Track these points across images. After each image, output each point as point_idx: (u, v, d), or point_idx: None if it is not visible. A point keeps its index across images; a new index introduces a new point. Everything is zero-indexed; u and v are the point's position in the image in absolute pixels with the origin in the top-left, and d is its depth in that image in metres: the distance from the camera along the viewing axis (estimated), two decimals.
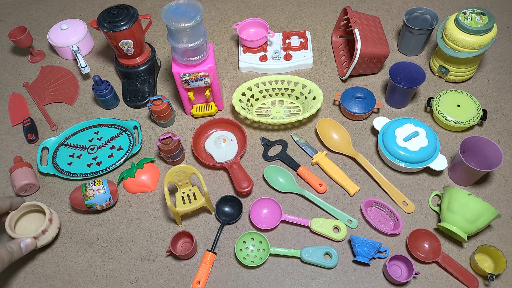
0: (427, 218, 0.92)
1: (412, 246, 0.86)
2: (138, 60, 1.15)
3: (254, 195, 0.97)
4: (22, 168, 0.99)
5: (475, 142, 0.92)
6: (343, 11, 1.16)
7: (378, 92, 1.13)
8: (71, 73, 1.25)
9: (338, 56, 1.22)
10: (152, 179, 0.99)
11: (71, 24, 1.27)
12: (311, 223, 0.90)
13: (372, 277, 0.85)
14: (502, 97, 1.10)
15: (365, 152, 1.02)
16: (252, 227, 0.93)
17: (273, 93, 1.12)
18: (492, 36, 1.00)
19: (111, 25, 1.03)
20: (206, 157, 1.02)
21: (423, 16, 1.17)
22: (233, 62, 1.24)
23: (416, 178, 0.97)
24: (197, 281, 0.84)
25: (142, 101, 1.14)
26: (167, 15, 0.87)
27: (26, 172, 0.99)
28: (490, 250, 0.83)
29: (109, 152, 1.05)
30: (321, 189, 0.96)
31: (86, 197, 0.91)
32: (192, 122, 1.11)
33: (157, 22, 1.37)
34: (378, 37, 1.10)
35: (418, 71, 1.04)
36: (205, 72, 0.98)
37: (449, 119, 1.01)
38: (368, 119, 1.08)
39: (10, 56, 1.33)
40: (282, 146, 1.04)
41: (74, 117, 1.15)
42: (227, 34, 1.32)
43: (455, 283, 0.83)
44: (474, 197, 0.82)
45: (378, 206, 0.93)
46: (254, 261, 0.86)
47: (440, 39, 1.07)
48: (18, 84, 1.24)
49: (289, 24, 1.32)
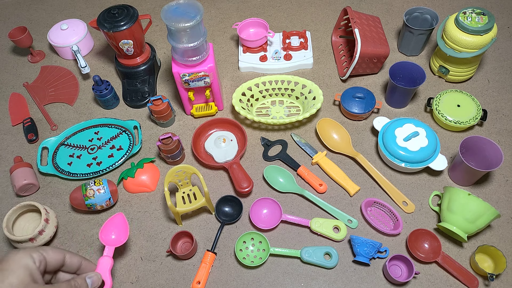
0: (427, 218, 0.92)
1: (412, 246, 0.86)
2: (138, 60, 1.15)
3: (254, 195, 0.97)
4: (22, 168, 0.99)
5: (475, 142, 0.92)
6: (343, 11, 1.16)
7: (378, 92, 1.13)
8: (71, 73, 1.25)
9: (338, 56, 1.22)
10: (152, 179, 0.99)
11: (71, 24, 1.27)
12: (311, 223, 0.90)
13: (372, 277, 0.85)
14: (502, 97, 1.10)
15: (365, 152, 1.02)
16: (252, 227, 0.93)
17: (273, 93, 1.12)
18: (492, 36, 1.00)
19: (111, 25, 1.03)
20: (206, 157, 1.02)
21: (423, 16, 1.17)
22: (233, 62, 1.24)
23: (416, 178, 0.98)
24: (197, 281, 0.84)
25: (142, 101, 1.14)
26: (167, 15, 0.87)
27: (26, 172, 0.99)
28: (490, 250, 0.83)
29: (109, 152, 1.05)
30: (321, 189, 0.96)
31: (86, 197, 0.91)
32: (192, 122, 1.11)
33: (157, 22, 1.37)
34: (378, 37, 1.10)
35: (418, 71, 1.04)
36: (205, 72, 0.98)
37: (449, 119, 1.01)
38: (368, 119, 1.08)
39: (10, 56, 1.33)
40: (282, 146, 1.04)
41: (74, 117, 1.15)
42: (227, 34, 1.32)
43: (455, 283, 0.83)
44: (474, 197, 0.82)
45: (378, 206, 0.93)
46: (254, 261, 0.86)
47: (440, 39, 1.07)
48: (18, 84, 1.24)
49: (289, 24, 1.32)
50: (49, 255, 0.65)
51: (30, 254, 0.61)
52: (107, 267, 0.76)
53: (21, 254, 0.61)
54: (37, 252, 0.63)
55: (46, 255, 0.64)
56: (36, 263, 0.62)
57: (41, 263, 0.63)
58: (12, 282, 0.57)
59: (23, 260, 0.60)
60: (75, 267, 0.70)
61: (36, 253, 0.62)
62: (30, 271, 0.60)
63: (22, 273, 0.59)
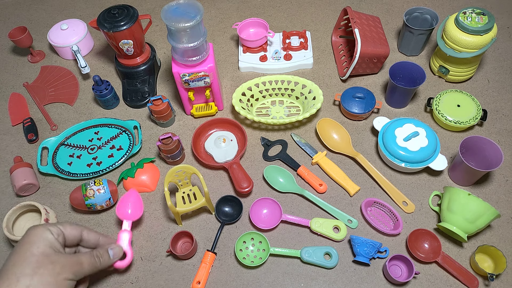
0: (427, 218, 0.92)
1: (412, 246, 0.86)
2: (138, 60, 1.15)
3: (254, 195, 0.97)
4: (22, 168, 0.99)
5: (475, 142, 0.92)
6: (343, 11, 1.16)
7: (378, 92, 1.13)
8: (71, 73, 1.25)
9: (338, 56, 1.22)
10: (152, 179, 0.99)
11: (71, 24, 1.27)
12: (311, 223, 0.90)
13: (372, 277, 0.85)
14: (502, 97, 1.10)
15: (365, 152, 1.02)
16: (252, 227, 0.93)
17: (273, 93, 1.12)
18: (492, 36, 1.00)
19: (111, 25, 1.03)
20: (206, 157, 1.02)
21: (423, 16, 1.17)
22: (233, 62, 1.24)
23: (416, 178, 0.98)
24: (197, 281, 0.84)
25: (142, 101, 1.14)
26: (167, 15, 0.87)
27: (26, 172, 0.99)
28: (490, 250, 0.83)
29: (109, 152, 1.05)
30: (321, 189, 0.96)
31: (86, 197, 0.91)
32: (192, 122, 1.11)
33: (157, 22, 1.37)
34: (378, 37, 1.10)
35: (418, 71, 1.04)
36: (205, 72, 0.98)
37: (449, 119, 1.01)
38: (368, 119, 1.08)
39: (10, 56, 1.33)
40: (282, 146, 1.04)
41: (74, 117, 1.15)
42: (227, 34, 1.32)
43: (455, 283, 0.83)
44: (474, 197, 0.82)
45: (378, 206, 0.93)
46: (254, 261, 0.86)
47: (440, 39, 1.07)
48: (18, 84, 1.24)
49: (289, 24, 1.32)
50: (67, 230, 0.69)
51: (48, 228, 0.66)
52: (127, 240, 0.81)
53: (40, 228, 0.65)
54: (55, 227, 0.67)
55: (63, 229, 0.68)
56: (54, 235, 0.66)
57: (59, 236, 0.67)
58: (34, 252, 0.62)
59: (43, 233, 0.65)
60: (92, 242, 0.74)
61: (54, 227, 0.67)
62: (50, 242, 0.64)
63: (42, 244, 0.63)
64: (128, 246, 0.80)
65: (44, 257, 0.62)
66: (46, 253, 0.63)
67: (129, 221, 0.85)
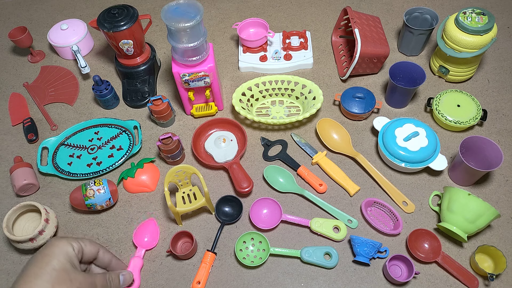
0: (427, 218, 0.92)
1: (412, 246, 0.86)
2: (138, 60, 1.15)
3: (254, 195, 0.97)
4: (22, 168, 0.99)
5: (475, 142, 0.92)
6: (343, 11, 1.16)
7: (378, 92, 1.13)
8: (71, 73, 1.25)
9: (338, 56, 1.22)
10: (152, 179, 0.99)
11: (71, 24, 1.27)
12: (311, 223, 0.90)
13: (372, 277, 0.85)
14: (502, 97, 1.10)
15: (365, 152, 1.02)
16: (252, 227, 0.93)
17: (273, 93, 1.12)
18: (492, 36, 1.00)
19: (111, 25, 1.03)
20: (206, 157, 1.02)
21: (423, 16, 1.17)
22: (233, 62, 1.24)
23: (416, 178, 0.98)
24: (197, 281, 0.84)
25: (142, 101, 1.14)
26: (167, 15, 0.87)
27: (26, 172, 0.99)
28: (490, 250, 0.83)
29: (109, 152, 1.05)
30: (321, 189, 0.96)
31: (86, 197, 0.91)
32: (192, 122, 1.11)
33: (157, 22, 1.37)
34: (378, 37, 1.10)
35: (418, 71, 1.04)
36: (205, 72, 0.98)
37: (449, 119, 1.01)
38: (368, 119, 1.08)
39: (10, 56, 1.33)
40: (282, 146, 1.04)
41: (74, 117, 1.15)
42: (227, 34, 1.32)
43: (455, 283, 0.83)
44: (474, 197, 0.82)
45: (378, 206, 0.93)
46: (254, 261, 0.86)
47: (440, 39, 1.07)
48: (18, 84, 1.24)
49: (289, 24, 1.32)
50: (87, 247, 0.69)
51: (70, 243, 0.66)
52: (138, 267, 0.84)
53: (63, 242, 0.65)
54: (77, 242, 0.67)
55: (83, 246, 0.69)
56: (75, 250, 0.66)
57: (79, 252, 0.67)
58: (55, 267, 0.62)
59: (65, 247, 0.64)
60: (106, 262, 0.75)
61: (75, 243, 0.67)
62: (70, 258, 0.64)
63: (63, 259, 0.63)
64: (138, 273, 0.83)
65: (64, 273, 0.62)
66: (66, 269, 0.63)
67: (143, 249, 0.88)
